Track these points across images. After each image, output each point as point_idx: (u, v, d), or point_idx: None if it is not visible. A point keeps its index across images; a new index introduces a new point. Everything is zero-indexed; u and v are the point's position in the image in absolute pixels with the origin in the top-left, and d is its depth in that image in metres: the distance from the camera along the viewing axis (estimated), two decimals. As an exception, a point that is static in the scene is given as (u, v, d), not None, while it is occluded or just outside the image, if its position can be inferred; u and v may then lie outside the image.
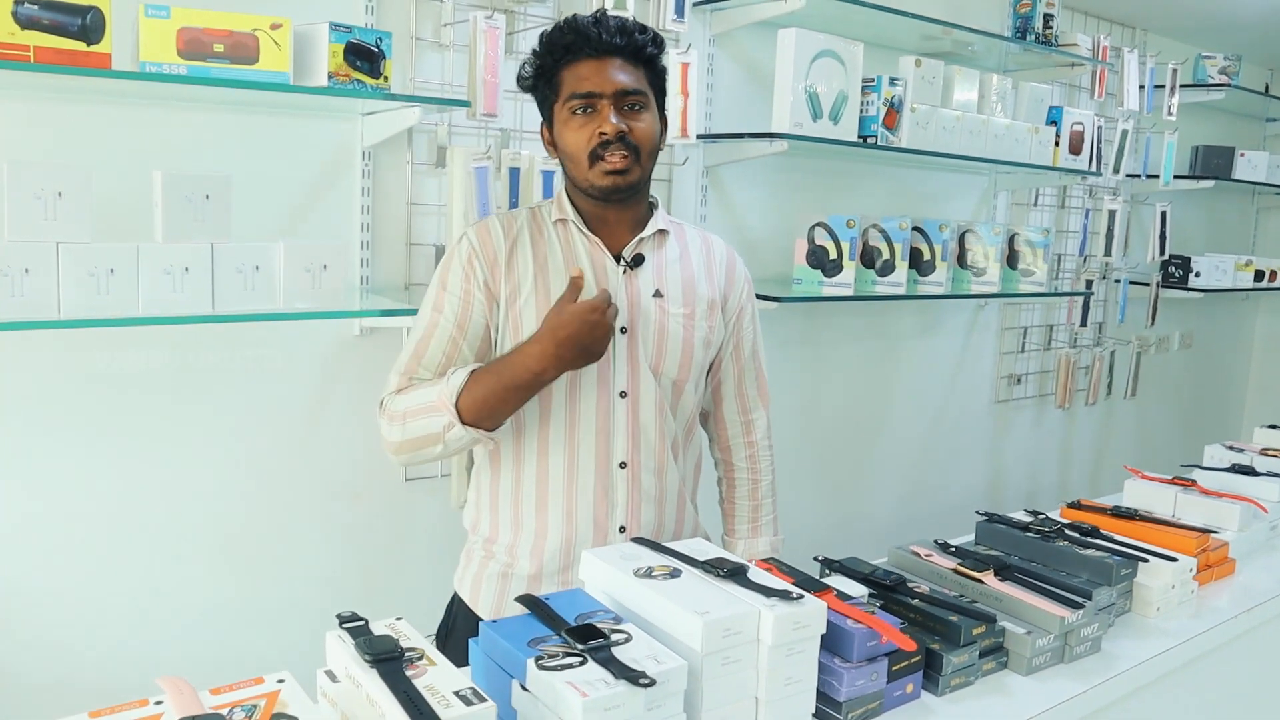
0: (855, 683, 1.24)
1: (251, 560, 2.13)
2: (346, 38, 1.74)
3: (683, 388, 1.62)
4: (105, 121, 1.84)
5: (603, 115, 1.48)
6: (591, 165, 1.49)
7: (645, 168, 1.53)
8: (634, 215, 1.58)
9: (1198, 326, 4.41)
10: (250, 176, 1.93)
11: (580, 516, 1.57)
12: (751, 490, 1.77)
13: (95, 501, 1.94)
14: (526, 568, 1.59)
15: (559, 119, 1.52)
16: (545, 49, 1.51)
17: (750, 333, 1.72)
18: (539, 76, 1.53)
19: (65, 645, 1.94)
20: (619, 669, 1.01)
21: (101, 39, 1.54)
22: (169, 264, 1.66)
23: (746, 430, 1.76)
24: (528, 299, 1.53)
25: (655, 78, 1.55)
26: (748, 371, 1.73)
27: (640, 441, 1.58)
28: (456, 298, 1.54)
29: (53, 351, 1.85)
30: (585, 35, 1.47)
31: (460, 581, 1.68)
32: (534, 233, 1.57)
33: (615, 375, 1.56)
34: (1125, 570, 1.62)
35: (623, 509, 1.59)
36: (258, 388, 2.08)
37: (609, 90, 1.47)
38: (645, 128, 1.51)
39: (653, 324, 1.57)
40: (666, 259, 1.61)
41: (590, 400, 1.55)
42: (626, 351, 1.56)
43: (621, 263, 1.56)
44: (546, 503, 1.58)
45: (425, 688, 0.93)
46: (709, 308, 1.63)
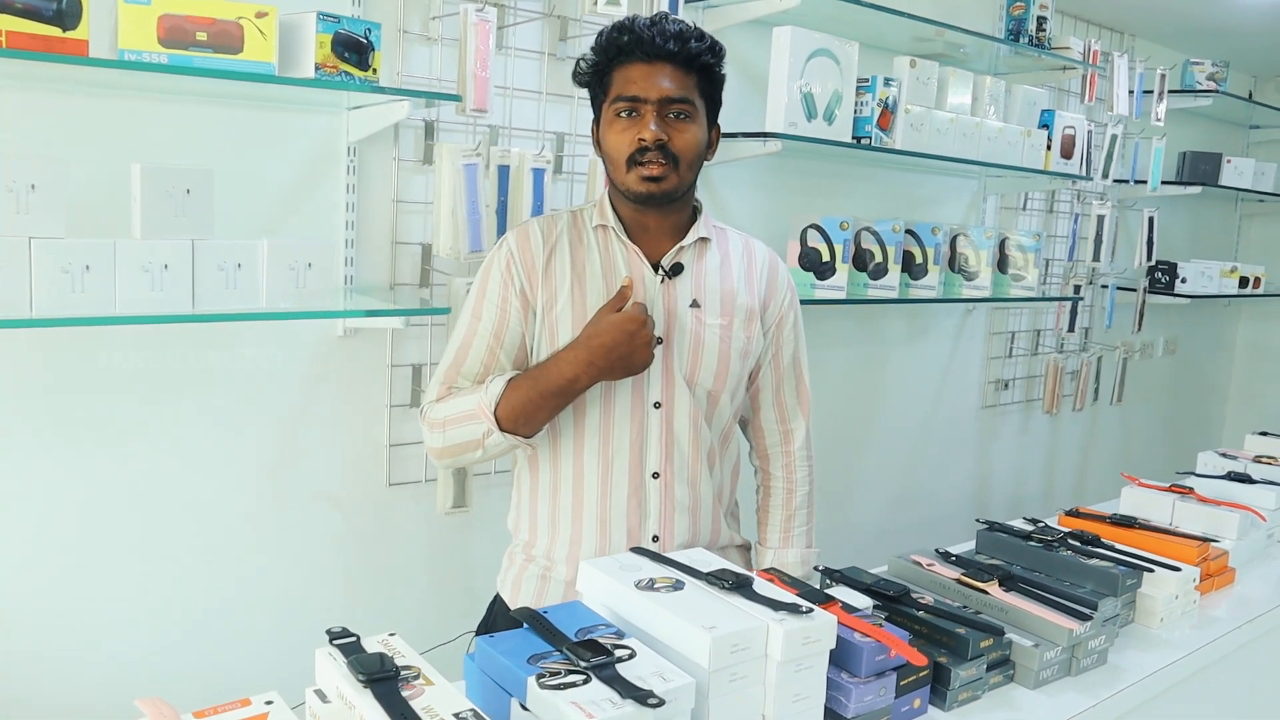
0: (863, 698, 1.20)
1: (232, 567, 2.06)
2: (335, 28, 1.68)
3: (718, 398, 1.61)
4: (81, 112, 1.78)
5: (645, 121, 1.46)
6: (629, 170, 1.48)
7: (684, 177, 1.50)
8: (675, 222, 1.57)
9: (1182, 332, 4.42)
10: (232, 171, 1.86)
11: (614, 525, 1.57)
12: (786, 500, 1.75)
13: (68, 508, 1.87)
14: (564, 573, 1.60)
15: (605, 119, 1.51)
16: (600, 47, 1.50)
17: (791, 341, 1.71)
18: (593, 74, 1.52)
19: (35, 657, 1.86)
20: (625, 688, 0.97)
21: (78, 25, 1.47)
22: (148, 261, 1.59)
23: (785, 439, 1.75)
24: (564, 308, 1.52)
25: (709, 87, 1.52)
26: (787, 380, 1.72)
27: (673, 452, 1.58)
28: (495, 306, 1.54)
29: (24, 352, 1.78)
30: (639, 38, 1.46)
31: (502, 583, 1.69)
32: (574, 239, 1.56)
33: (650, 386, 1.56)
34: (1131, 580, 1.60)
35: (655, 518, 1.58)
36: (239, 390, 2.02)
37: (654, 96, 1.46)
38: (688, 138, 1.48)
39: (688, 335, 1.56)
40: (706, 268, 1.59)
41: (625, 410, 1.55)
42: (661, 362, 1.55)
43: (660, 272, 1.55)
44: (582, 511, 1.58)
45: (423, 709, 0.89)
46: (748, 317, 1.61)
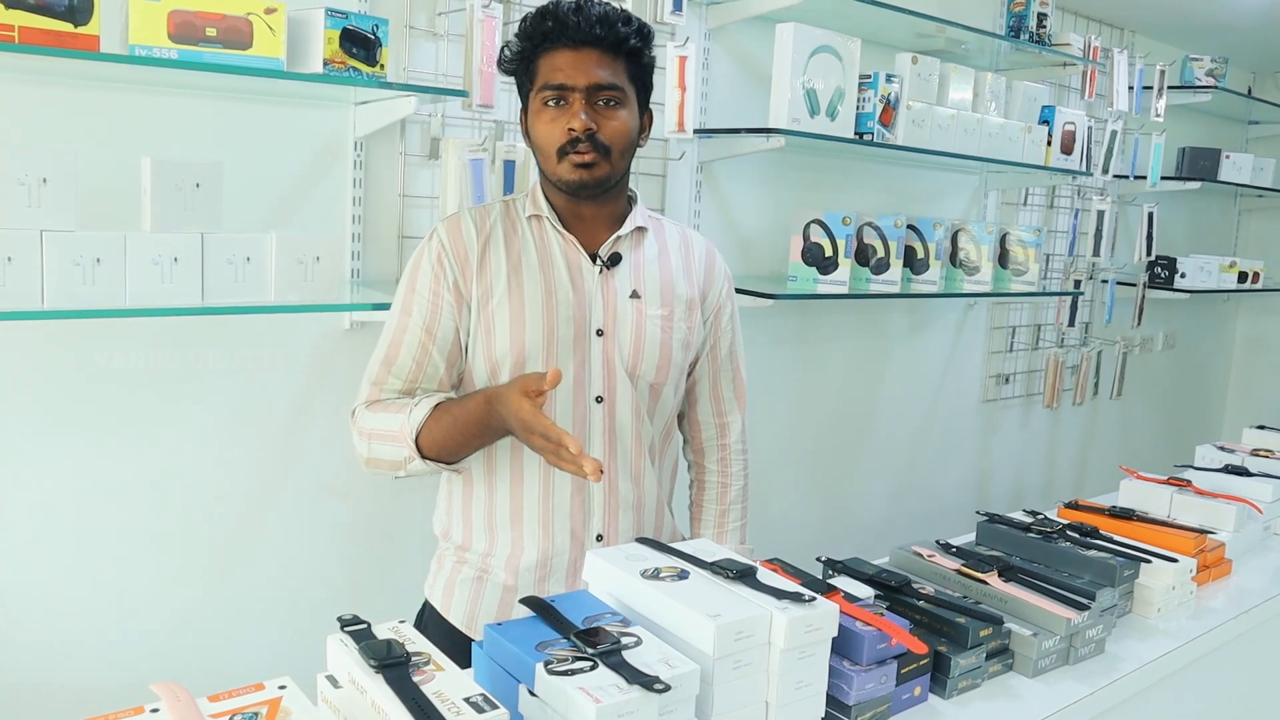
0: (864, 686, 1.22)
1: (239, 558, 2.08)
2: (343, 24, 1.70)
3: (660, 391, 1.57)
4: (92, 106, 1.79)
5: (574, 110, 1.42)
6: (559, 160, 1.44)
7: (616, 166, 1.46)
8: (611, 211, 1.54)
9: (1181, 327, 4.44)
10: (240, 165, 1.88)
11: (557, 528, 1.53)
12: (720, 495, 1.72)
13: (77, 498, 1.89)
14: (503, 578, 1.55)
15: (533, 108, 1.47)
16: (524, 34, 1.46)
17: (729, 332, 1.67)
18: (517, 61, 1.48)
19: (47, 646, 1.89)
20: (631, 674, 0.99)
21: (89, 20, 1.49)
22: (157, 254, 1.60)
23: (721, 433, 1.71)
24: (500, 301, 1.48)
25: (639, 72, 1.48)
26: (724, 372, 1.69)
27: (617, 447, 1.54)
28: (425, 300, 1.49)
29: (35, 343, 1.80)
30: (564, 23, 1.41)
31: (431, 589, 1.63)
32: (508, 229, 1.52)
33: (591, 379, 1.51)
34: (1128, 571, 1.61)
35: (599, 517, 1.54)
36: (247, 382, 2.04)
37: (581, 84, 1.42)
38: (618, 125, 1.45)
39: (629, 326, 1.52)
40: (645, 257, 1.56)
41: (566, 405, 1.50)
42: (602, 355, 1.51)
43: (598, 262, 1.52)
44: (521, 515, 1.53)
45: (434, 694, 0.90)
46: (688, 308, 1.58)
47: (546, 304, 1.48)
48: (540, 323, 1.48)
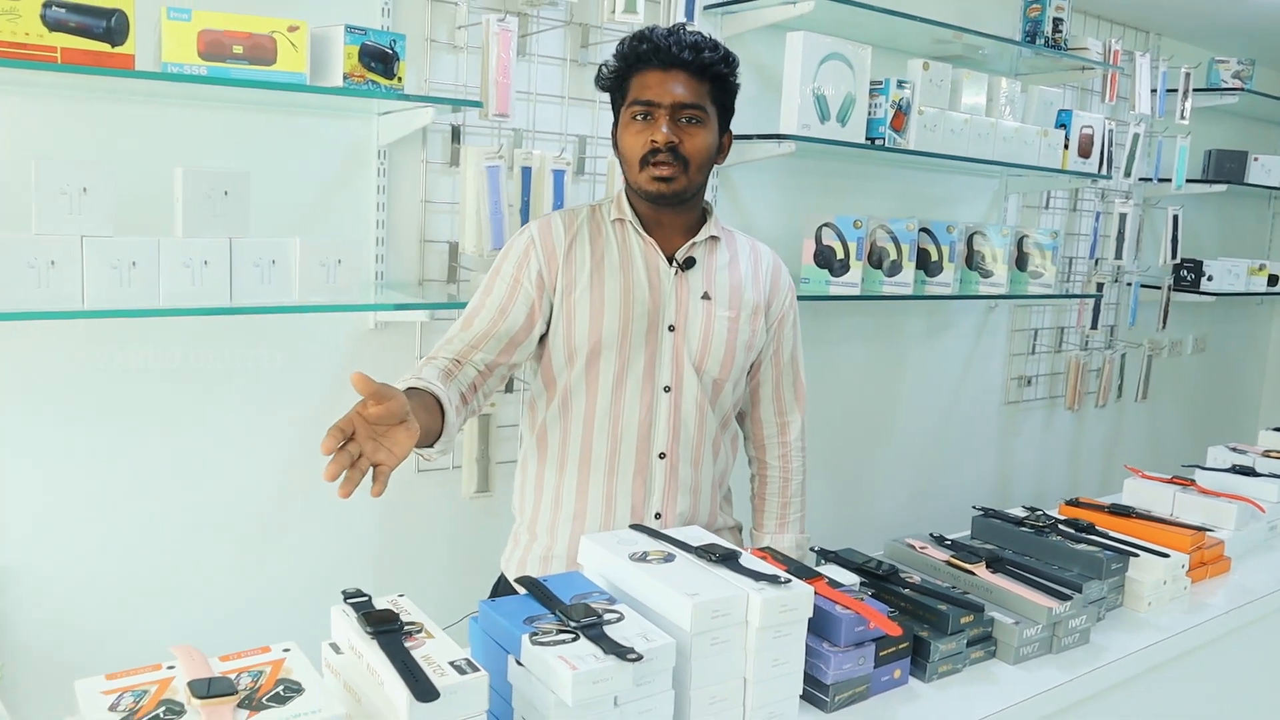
0: (842, 666, 1.28)
1: (267, 544, 2.18)
2: (361, 39, 1.80)
3: (723, 386, 1.69)
4: (129, 120, 1.91)
5: (658, 124, 1.54)
6: (641, 169, 1.57)
7: (693, 179, 1.58)
8: (687, 220, 1.66)
9: (1212, 330, 4.40)
10: (268, 174, 1.99)
11: (619, 502, 1.66)
12: (782, 488, 1.84)
13: (116, 486, 2.01)
14: (565, 549, 1.67)
15: (623, 122, 1.60)
16: (621, 55, 1.59)
17: (790, 339, 1.79)
18: (613, 79, 1.61)
19: (88, 623, 2.00)
20: (609, 645, 1.06)
21: (125, 41, 1.60)
22: (188, 257, 1.71)
23: (781, 431, 1.83)
24: (583, 292, 1.60)
25: (721, 95, 1.60)
26: (785, 375, 1.80)
27: (680, 434, 1.66)
28: (507, 283, 1.61)
29: (77, 341, 1.92)
30: (656, 46, 1.54)
31: (506, 564, 1.77)
32: (593, 230, 1.64)
33: (660, 370, 1.64)
34: (1116, 565, 1.65)
35: (659, 496, 1.67)
36: (276, 379, 2.14)
37: (667, 101, 1.54)
38: (698, 142, 1.56)
39: (699, 324, 1.64)
40: (716, 263, 1.68)
41: (635, 392, 1.63)
42: (672, 348, 1.63)
43: (674, 264, 1.63)
44: (588, 487, 1.66)
45: (422, 658, 0.98)
46: (753, 312, 1.69)
47: (624, 299, 1.60)
48: (618, 315, 1.60)
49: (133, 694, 0.89)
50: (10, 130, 1.81)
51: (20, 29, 1.51)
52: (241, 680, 0.92)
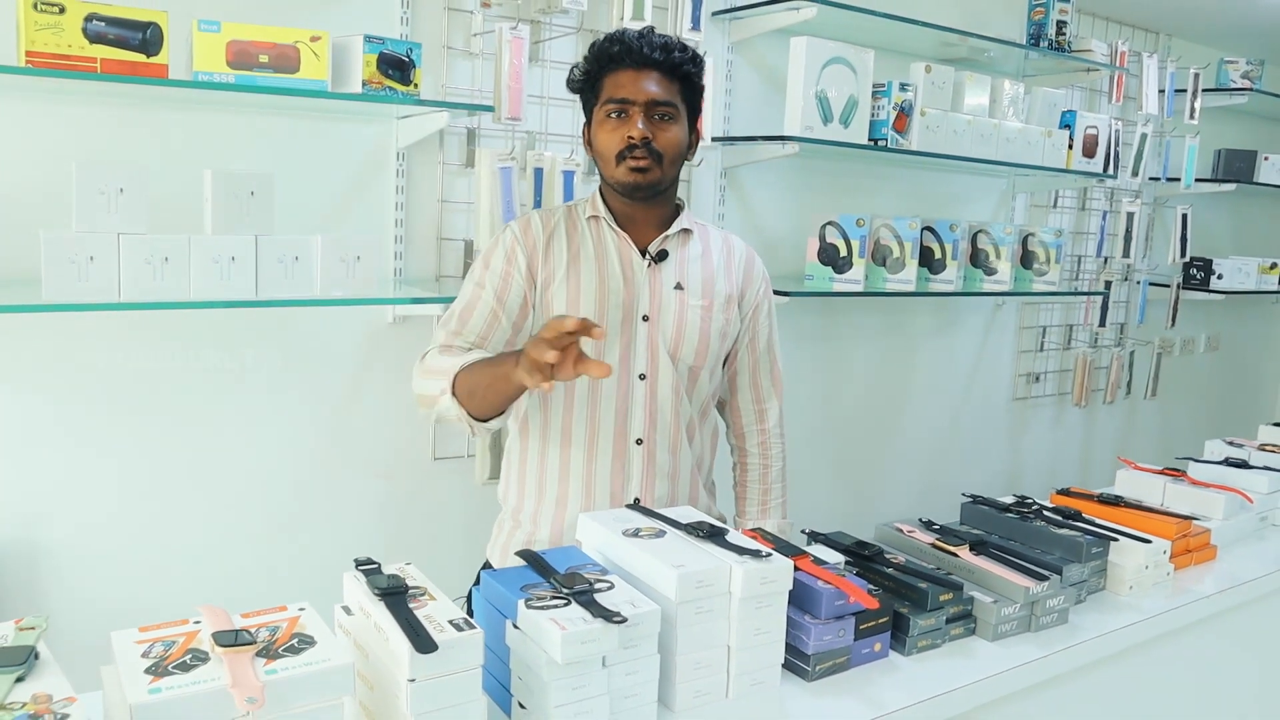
0: (823, 638, 1.35)
1: (287, 527, 2.29)
2: (379, 48, 1.90)
3: (698, 374, 1.75)
4: (162, 125, 2.02)
5: (632, 121, 1.62)
6: (617, 164, 1.64)
7: (667, 172, 1.66)
8: (660, 214, 1.73)
9: (1224, 329, 4.43)
10: (292, 175, 2.10)
11: (598, 488, 1.72)
12: (762, 475, 1.90)
13: (150, 469, 2.12)
14: (546, 535, 1.74)
15: (596, 120, 1.67)
16: (592, 57, 1.66)
17: (766, 327, 1.85)
18: (585, 80, 1.68)
19: (123, 590, 2.11)
20: (598, 610, 1.14)
21: (159, 51, 1.72)
22: (217, 253, 1.82)
23: (760, 418, 1.89)
24: (559, 285, 1.68)
25: (690, 93, 1.68)
26: (762, 363, 1.86)
27: (657, 420, 1.73)
28: (498, 275, 1.69)
29: (113, 332, 2.04)
30: (628, 47, 1.62)
31: (491, 550, 1.85)
32: (569, 227, 1.72)
33: (635, 358, 1.71)
34: (1096, 549, 1.70)
35: (637, 482, 1.73)
36: (299, 369, 2.25)
37: (641, 99, 1.61)
38: (670, 137, 1.64)
39: (673, 313, 1.71)
40: (689, 255, 1.75)
41: (612, 381, 1.69)
42: (647, 337, 1.71)
43: (647, 257, 1.71)
44: (568, 474, 1.73)
45: (425, 617, 1.07)
46: (726, 301, 1.76)
47: (599, 291, 1.68)
48: (593, 306, 1.68)
49: (163, 644, 0.99)
50: (54, 135, 1.93)
51: (64, 41, 1.63)
52: (260, 634, 1.02)
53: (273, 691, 0.92)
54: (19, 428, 1.99)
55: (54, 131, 1.93)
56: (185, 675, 0.92)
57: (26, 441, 2.00)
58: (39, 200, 1.90)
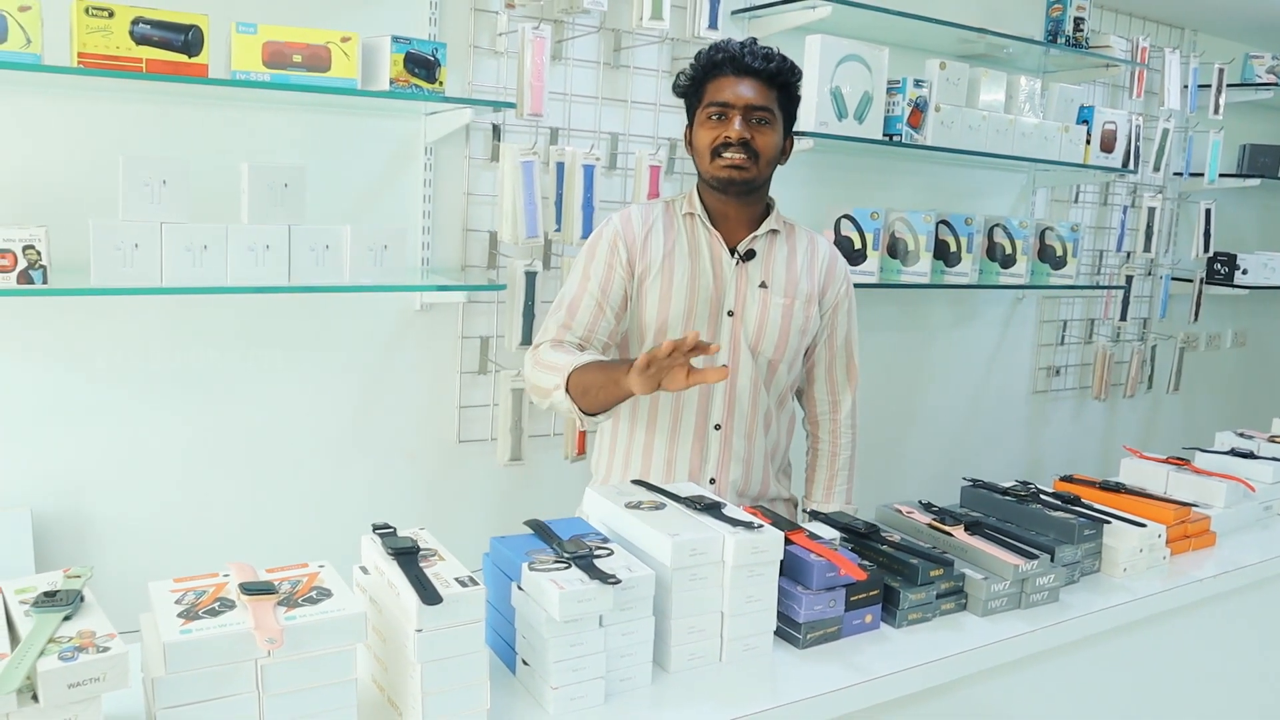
0: (814, 607, 1.42)
1: (319, 506, 2.40)
2: (406, 48, 2.00)
3: (777, 367, 1.85)
4: (202, 121, 2.14)
5: (730, 122, 1.71)
6: (713, 159, 1.73)
7: (762, 171, 1.76)
8: (751, 214, 1.82)
9: (1252, 325, 4.41)
10: (324, 168, 2.20)
11: (679, 466, 1.83)
12: (830, 461, 2.01)
13: (186, 446, 2.25)
14: None
15: (698, 121, 1.77)
16: (697, 64, 1.76)
17: (844, 325, 1.95)
18: (690, 85, 1.78)
19: (161, 566, 2.21)
20: (595, 573, 1.23)
21: (200, 52, 1.83)
22: (253, 242, 1.93)
23: (833, 409, 1.99)
24: (654, 279, 1.78)
25: (787, 102, 1.78)
26: (839, 358, 1.96)
27: (735, 408, 1.83)
28: (602, 268, 1.78)
29: (156, 314, 2.16)
30: (732, 55, 1.72)
31: (580, 512, 1.93)
32: (666, 223, 1.82)
33: (720, 352, 1.79)
34: (1089, 531, 1.75)
35: (714, 464, 1.84)
36: (330, 353, 2.36)
37: (740, 103, 1.71)
38: (766, 140, 1.74)
39: (756, 310, 1.81)
40: (775, 255, 1.84)
41: None
42: (730, 331, 1.81)
43: (735, 255, 1.80)
44: (652, 453, 1.84)
45: (433, 575, 1.16)
46: (807, 300, 1.85)
47: (690, 286, 1.78)
48: (684, 300, 1.78)
49: (194, 593, 1.09)
50: (102, 130, 2.05)
51: (112, 43, 1.75)
52: (282, 585, 1.12)
53: (291, 635, 1.02)
54: (65, 404, 2.11)
55: (102, 127, 2.05)
56: (213, 619, 1.02)
57: (74, 417, 2.12)
58: (89, 191, 2.02)
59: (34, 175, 2.00)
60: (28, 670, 0.89)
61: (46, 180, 2.01)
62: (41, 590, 1.04)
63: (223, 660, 0.99)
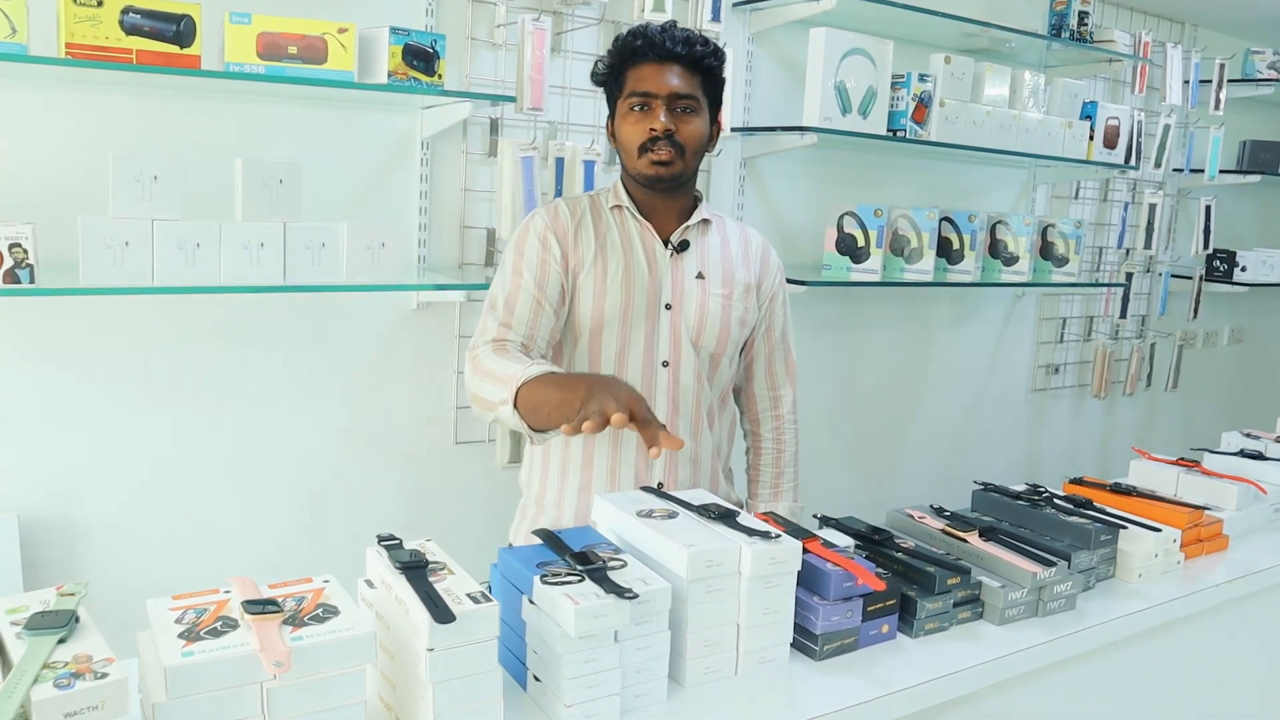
0: (831, 618, 1.38)
1: (313, 507, 2.35)
2: (405, 40, 1.94)
3: (719, 361, 1.79)
4: (195, 115, 2.08)
5: (655, 114, 1.65)
6: (640, 156, 1.67)
7: (689, 164, 1.70)
8: (680, 205, 1.77)
9: (1248, 322, 4.40)
10: (320, 164, 2.15)
11: (623, 473, 1.76)
12: (775, 459, 1.94)
13: (180, 448, 2.19)
14: (570, 520, 1.77)
15: (620, 113, 1.70)
16: (616, 50, 1.70)
17: (781, 316, 1.89)
18: (608, 74, 1.71)
19: (155, 572, 2.18)
20: (610, 586, 1.18)
21: (192, 43, 1.77)
22: (247, 240, 1.87)
23: (774, 405, 1.93)
24: (588, 274, 1.71)
25: (712, 87, 1.71)
26: (777, 351, 1.90)
27: (679, 406, 1.77)
28: (534, 263, 1.69)
29: (147, 314, 2.10)
30: (651, 41, 1.65)
31: (514, 535, 1.89)
32: (595, 216, 1.75)
33: (659, 346, 1.74)
34: (1105, 536, 1.72)
35: (661, 466, 1.77)
36: (326, 354, 2.30)
37: (663, 92, 1.64)
38: (692, 129, 1.67)
39: (695, 302, 1.75)
40: (709, 245, 1.79)
41: (636, 367, 1.73)
42: (670, 325, 1.74)
43: (669, 247, 1.75)
44: (592, 460, 1.76)
45: (444, 590, 1.12)
46: (745, 291, 1.80)
47: (625, 280, 1.71)
48: (619, 295, 1.71)
49: (195, 611, 1.04)
50: (91, 123, 1.99)
51: (101, 33, 1.69)
52: (287, 603, 1.07)
53: (298, 657, 0.97)
54: (55, 406, 2.06)
55: (91, 121, 1.99)
56: (216, 640, 0.97)
57: (63, 420, 2.07)
58: (77, 187, 1.96)
59: (20, 170, 1.94)
60: (21, 699, 0.84)
61: (33, 176, 1.95)
62: (34, 610, 0.99)
63: (227, 684, 0.95)
